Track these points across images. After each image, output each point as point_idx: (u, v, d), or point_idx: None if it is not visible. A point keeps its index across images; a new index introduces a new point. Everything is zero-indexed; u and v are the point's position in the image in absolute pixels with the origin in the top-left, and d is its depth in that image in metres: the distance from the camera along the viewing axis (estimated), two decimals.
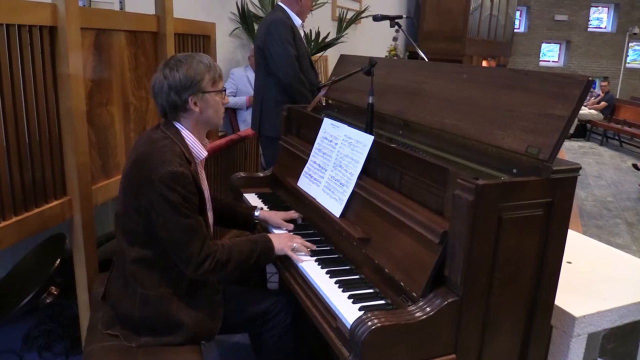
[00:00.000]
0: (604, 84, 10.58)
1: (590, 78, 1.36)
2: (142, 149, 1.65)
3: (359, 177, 1.81)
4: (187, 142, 1.70)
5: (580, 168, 1.39)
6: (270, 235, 1.84)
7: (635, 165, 7.11)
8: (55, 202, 1.95)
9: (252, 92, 4.68)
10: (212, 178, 2.95)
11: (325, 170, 2.03)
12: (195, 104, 1.67)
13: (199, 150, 1.75)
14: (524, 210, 1.33)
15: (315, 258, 1.79)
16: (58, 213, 1.97)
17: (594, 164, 7.72)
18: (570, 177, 1.36)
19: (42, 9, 1.77)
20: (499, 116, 1.53)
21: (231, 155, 3.32)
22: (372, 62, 2.03)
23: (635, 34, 12.91)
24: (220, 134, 3.97)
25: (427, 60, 3.05)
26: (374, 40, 8.10)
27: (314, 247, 1.85)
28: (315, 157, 2.14)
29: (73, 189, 2.00)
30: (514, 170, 1.43)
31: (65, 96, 1.88)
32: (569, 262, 1.99)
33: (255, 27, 5.10)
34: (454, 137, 1.70)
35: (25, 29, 1.70)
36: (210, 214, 1.87)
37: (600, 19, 14.26)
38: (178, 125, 1.71)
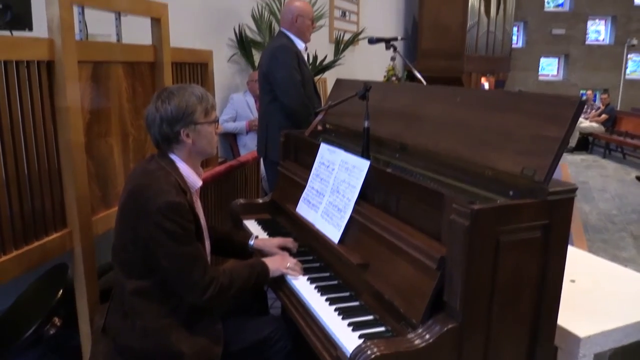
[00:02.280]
0: (604, 96, 10.59)
1: (582, 98, 1.37)
2: (138, 180, 1.67)
3: (357, 203, 1.82)
4: (182, 172, 1.72)
5: (576, 189, 1.39)
6: (265, 259, 1.89)
7: (638, 177, 7.07)
8: (55, 234, 1.96)
9: (251, 117, 4.74)
10: (213, 205, 2.95)
11: (323, 196, 2.03)
12: (187, 135, 1.69)
13: (194, 179, 1.77)
14: (521, 233, 1.33)
15: (315, 285, 1.78)
16: (58, 245, 1.97)
17: (598, 177, 7.70)
18: (566, 198, 1.36)
19: (40, 45, 1.80)
20: (494, 138, 1.54)
21: (231, 181, 3.33)
22: (367, 86, 2.05)
23: (633, 45, 12.98)
24: (220, 159, 3.99)
25: (424, 80, 3.07)
26: (372, 61, 8.16)
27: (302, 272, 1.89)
28: (313, 182, 2.15)
29: (73, 221, 2.01)
30: (511, 193, 1.42)
31: (64, 129, 1.90)
32: (573, 281, 1.97)
33: (253, 52, 5.16)
34: (450, 160, 1.70)
35: (23, 65, 1.73)
36: (207, 243, 1.87)
37: (598, 31, 14.36)
38: (172, 156, 1.72)
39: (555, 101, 1.40)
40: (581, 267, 2.13)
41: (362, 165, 1.84)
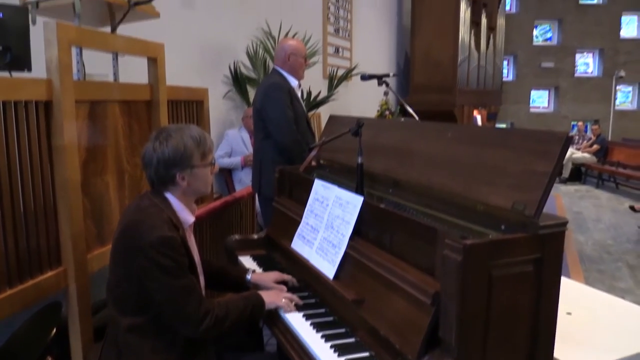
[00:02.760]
0: (594, 127, 10.75)
1: (569, 134, 1.40)
2: (131, 217, 1.68)
3: (351, 238, 1.83)
4: (175, 208, 1.73)
5: (566, 222, 1.41)
6: (261, 292, 1.89)
7: (632, 207, 7.12)
8: (50, 273, 1.95)
9: (246, 152, 4.78)
10: (208, 240, 2.95)
11: (318, 232, 2.04)
12: (182, 178, 1.71)
13: (186, 216, 1.78)
14: (513, 267, 1.34)
15: (310, 322, 1.77)
16: (53, 283, 1.96)
17: (592, 207, 7.74)
18: (557, 232, 1.38)
19: (38, 85, 1.83)
20: (485, 173, 1.56)
21: (227, 216, 3.34)
22: (360, 123, 2.09)
23: (621, 77, 13.24)
24: (215, 195, 4.01)
25: (416, 115, 3.12)
26: (365, 96, 8.29)
27: (301, 303, 1.89)
28: (307, 218, 2.16)
29: (68, 259, 2.00)
30: (502, 227, 1.44)
31: (61, 167, 1.92)
32: (569, 314, 1.97)
33: (248, 88, 5.24)
34: (443, 195, 1.72)
35: (21, 105, 1.76)
36: (201, 278, 1.87)
37: (587, 64, 14.65)
38: (166, 194, 1.74)
39: (544, 137, 1.43)
40: (578, 299, 2.13)
41: (355, 201, 1.86)
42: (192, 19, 4.66)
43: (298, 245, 2.14)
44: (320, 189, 2.14)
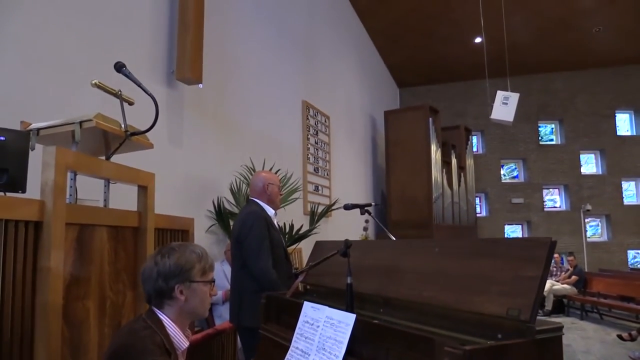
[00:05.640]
0: (570, 258, 10.91)
1: (552, 239, 1.45)
2: (122, 340, 1.60)
3: (344, 359, 1.76)
4: (169, 332, 1.67)
5: (562, 327, 1.40)
6: None
7: (620, 336, 7.00)
8: None
9: (227, 286, 4.68)
10: None
11: (309, 355, 1.96)
12: (181, 292, 1.68)
13: (181, 340, 1.71)
14: None
15: None
16: None
17: (579, 339, 7.56)
18: (554, 336, 1.37)
19: (32, 205, 1.85)
20: (475, 283, 1.58)
21: (207, 350, 3.18)
22: (348, 243, 2.13)
23: (588, 210, 13.80)
24: (196, 329, 3.85)
25: None
26: (345, 231, 8.44)
27: None
28: (297, 342, 2.08)
29: None
30: (499, 336, 1.43)
31: (44, 290, 1.86)
32: None
33: (231, 223, 5.30)
34: (435, 309, 1.71)
35: (12, 224, 1.76)
36: None
37: (554, 200, 15.32)
38: (161, 315, 1.69)
39: (529, 243, 1.49)
40: None
41: (347, 319, 1.82)
42: (179, 156, 4.86)
43: None
44: (310, 310, 2.09)
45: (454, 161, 12.48)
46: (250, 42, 6.37)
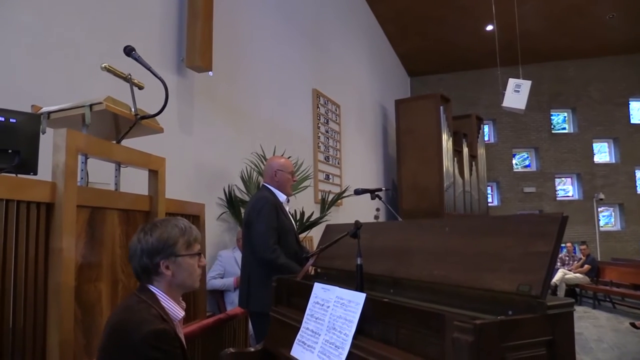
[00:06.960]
0: (583, 247, 10.82)
1: (564, 214, 1.44)
2: (118, 317, 1.61)
3: (355, 337, 1.76)
4: (163, 304, 1.68)
5: (573, 302, 1.39)
6: None
7: (633, 324, 6.95)
8: None
9: (239, 274, 4.70)
10: (200, 357, 2.80)
11: (319, 335, 1.96)
12: (167, 267, 1.69)
13: (176, 311, 1.72)
14: (526, 350, 1.29)
15: None
16: None
17: (592, 328, 7.52)
18: (566, 312, 1.35)
19: (43, 187, 1.87)
20: (486, 260, 1.57)
21: (219, 335, 3.21)
22: (358, 225, 2.13)
23: (601, 199, 13.66)
24: (208, 314, 3.87)
25: None
26: (355, 219, 8.41)
27: None
28: (307, 323, 2.09)
29: None
30: (510, 312, 1.42)
31: (56, 271, 1.88)
32: None
33: (242, 210, 5.32)
34: (446, 288, 1.71)
35: (24, 205, 1.78)
36: None
37: (566, 189, 15.18)
38: (152, 289, 1.70)
39: (539, 219, 1.47)
40: None
41: (358, 299, 1.83)
42: (190, 143, 4.87)
43: (298, 351, 2.04)
44: (320, 291, 2.10)
45: (465, 150, 12.39)
46: (260, 30, 6.35)
